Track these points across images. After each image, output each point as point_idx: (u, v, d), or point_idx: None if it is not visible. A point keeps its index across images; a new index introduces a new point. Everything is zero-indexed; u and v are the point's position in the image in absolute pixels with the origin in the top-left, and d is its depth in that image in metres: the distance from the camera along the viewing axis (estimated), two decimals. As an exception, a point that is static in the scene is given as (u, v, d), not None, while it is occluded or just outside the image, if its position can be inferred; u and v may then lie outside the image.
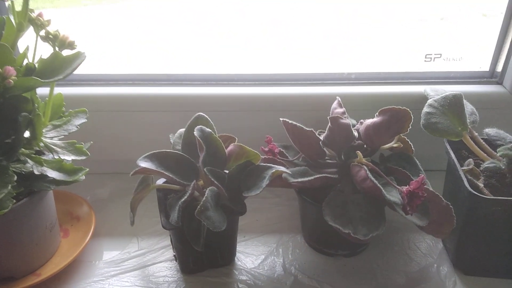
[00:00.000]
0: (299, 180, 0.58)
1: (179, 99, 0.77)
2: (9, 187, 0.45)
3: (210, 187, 0.55)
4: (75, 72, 0.78)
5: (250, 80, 0.79)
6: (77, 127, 0.61)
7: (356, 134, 0.62)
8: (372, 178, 0.54)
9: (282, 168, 0.57)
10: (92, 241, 0.67)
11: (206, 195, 0.53)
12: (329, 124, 0.60)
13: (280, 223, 0.74)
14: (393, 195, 0.54)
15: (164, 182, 0.63)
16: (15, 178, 0.47)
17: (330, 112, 0.69)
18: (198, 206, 0.51)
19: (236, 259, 0.66)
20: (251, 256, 0.67)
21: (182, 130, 0.64)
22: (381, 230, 0.54)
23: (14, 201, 0.49)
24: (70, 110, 0.63)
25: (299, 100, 0.77)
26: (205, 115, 0.63)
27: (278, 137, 0.67)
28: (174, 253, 0.64)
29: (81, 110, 0.63)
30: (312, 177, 0.57)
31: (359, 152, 0.58)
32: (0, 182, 0.45)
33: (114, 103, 0.77)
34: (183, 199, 0.53)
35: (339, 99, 0.70)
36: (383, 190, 0.53)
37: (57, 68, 0.52)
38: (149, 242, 0.69)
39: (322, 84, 0.79)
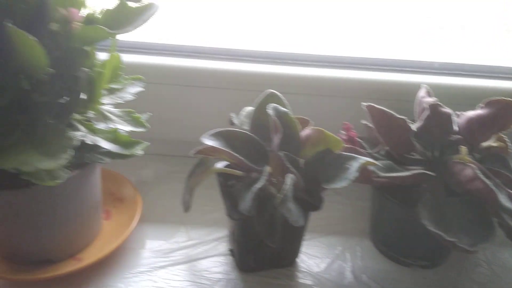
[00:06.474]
0: (390, 175, 0.49)
1: (243, 76, 0.68)
2: (68, 152, 0.37)
3: (290, 175, 0.47)
4: (130, 39, 0.73)
5: (324, 62, 0.70)
6: (133, 96, 0.53)
7: (455, 127, 0.53)
8: (484, 179, 0.45)
9: (370, 160, 0.49)
10: (136, 226, 0.60)
11: (287, 183, 0.45)
12: (428, 112, 0.51)
13: (342, 224, 0.65)
14: (508, 201, 0.45)
15: (225, 166, 0.55)
16: (74, 142, 0.39)
17: (417, 102, 0.60)
18: (280, 196, 0.43)
19: (297, 260, 0.58)
20: (315, 258, 0.58)
21: (249, 108, 0.56)
22: (490, 241, 0.45)
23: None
24: (125, 76, 0.55)
25: (375, 87, 0.68)
26: (278, 93, 0.55)
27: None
28: (231, 248, 0.56)
29: (136, 77, 0.56)
30: (409, 173, 0.48)
31: (463, 147, 0.50)
32: (57, 145, 0.38)
33: (167, 76, 0.69)
34: (258, 186, 0.45)
35: (427, 88, 0.61)
36: (499, 194, 0.44)
37: (123, 20, 0.44)
38: (200, 233, 0.61)
39: (402, 71, 0.70)
